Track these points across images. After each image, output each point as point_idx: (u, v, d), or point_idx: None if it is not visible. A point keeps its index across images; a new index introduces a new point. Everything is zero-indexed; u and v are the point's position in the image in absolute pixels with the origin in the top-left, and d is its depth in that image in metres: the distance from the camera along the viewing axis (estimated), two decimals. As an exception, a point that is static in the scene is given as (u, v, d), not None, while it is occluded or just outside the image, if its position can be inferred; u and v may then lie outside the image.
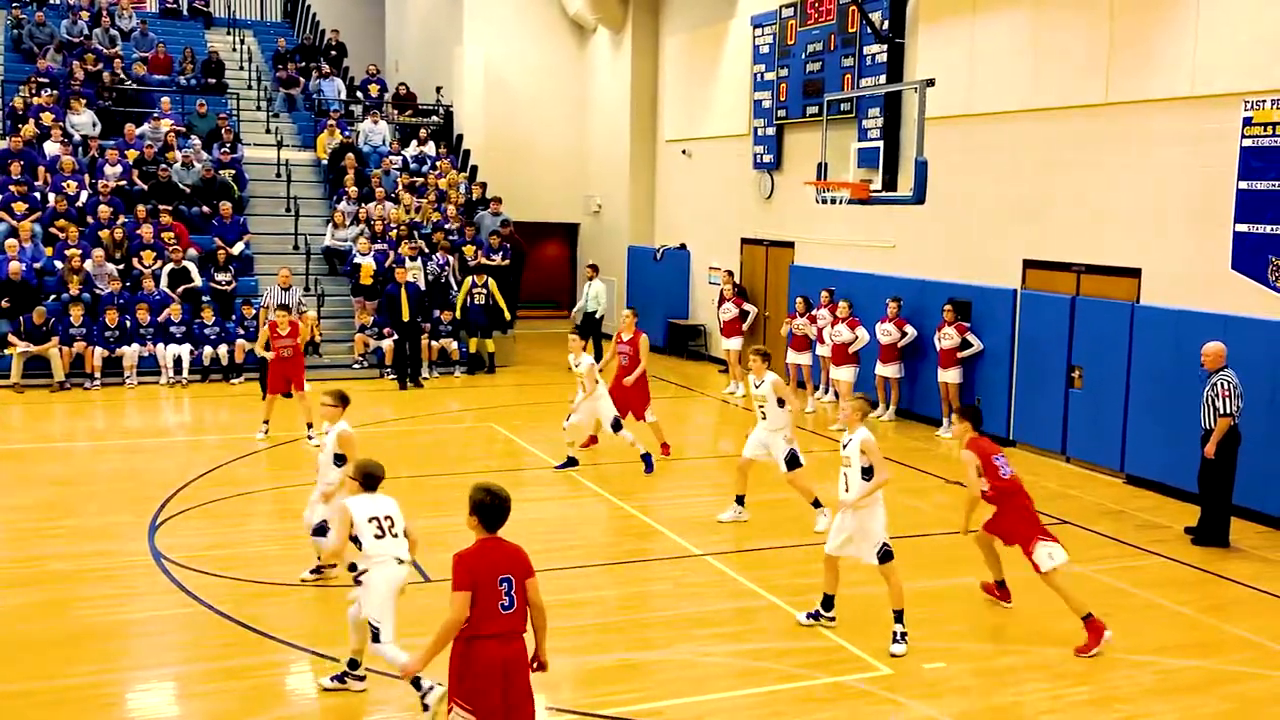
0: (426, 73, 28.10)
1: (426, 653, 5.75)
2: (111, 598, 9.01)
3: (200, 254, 20.15)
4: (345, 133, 24.28)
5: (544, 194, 26.55)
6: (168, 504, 11.55)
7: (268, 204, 22.75)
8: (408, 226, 21.49)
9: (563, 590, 9.30)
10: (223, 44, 28.02)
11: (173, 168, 21.61)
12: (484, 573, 5.53)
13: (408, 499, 11.90)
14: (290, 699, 7.50)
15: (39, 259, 18.96)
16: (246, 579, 9.36)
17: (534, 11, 26.52)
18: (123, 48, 25.41)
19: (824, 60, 18.90)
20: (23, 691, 7.27)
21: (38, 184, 20.42)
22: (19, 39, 25.00)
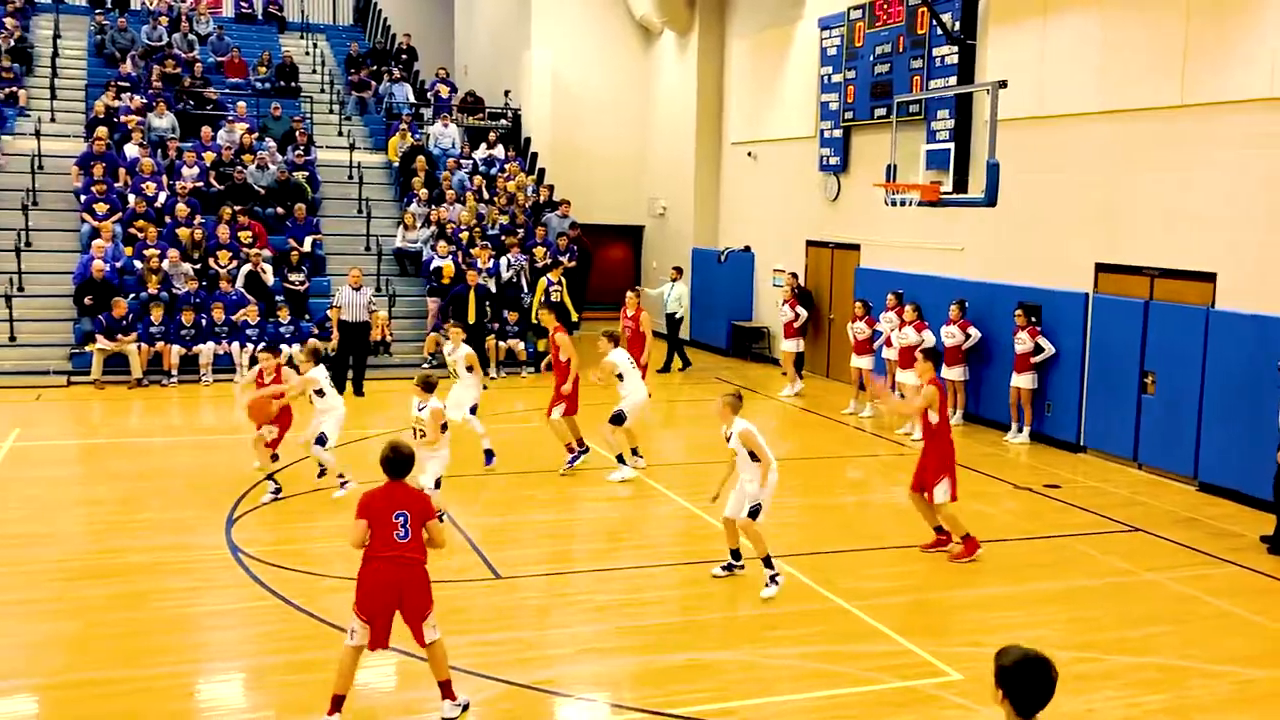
0: (495, 76, 28.37)
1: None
2: (189, 590, 9.22)
3: (274, 254, 20.55)
4: (416, 136, 24.62)
5: (608, 196, 26.69)
6: (243, 499, 11.80)
7: (340, 205, 23.14)
8: (479, 229, 21.74)
9: (628, 590, 9.39)
10: (296, 48, 28.53)
11: (248, 170, 22.06)
12: (380, 508, 6.70)
13: (474, 497, 12.16)
14: (361, 693, 7.62)
15: (119, 259, 19.46)
16: (321, 573, 9.50)
17: (601, 15, 26.66)
18: (200, 52, 26.00)
19: (892, 62, 18.80)
20: (104, 680, 7.47)
21: (118, 185, 20.96)
22: (102, 44, 25.69)
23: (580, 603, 9.07)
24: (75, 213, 20.73)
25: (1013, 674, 4.14)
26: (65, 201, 21.09)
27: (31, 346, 18.41)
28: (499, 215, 22.72)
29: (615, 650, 8.13)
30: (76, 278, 19.03)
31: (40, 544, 10.29)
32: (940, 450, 10.29)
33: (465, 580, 9.47)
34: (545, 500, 12.36)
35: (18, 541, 10.33)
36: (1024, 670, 4.13)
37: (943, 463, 10.24)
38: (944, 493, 10.19)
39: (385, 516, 6.68)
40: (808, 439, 16.28)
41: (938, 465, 10.24)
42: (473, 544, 10.40)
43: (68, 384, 17.94)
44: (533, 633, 8.51)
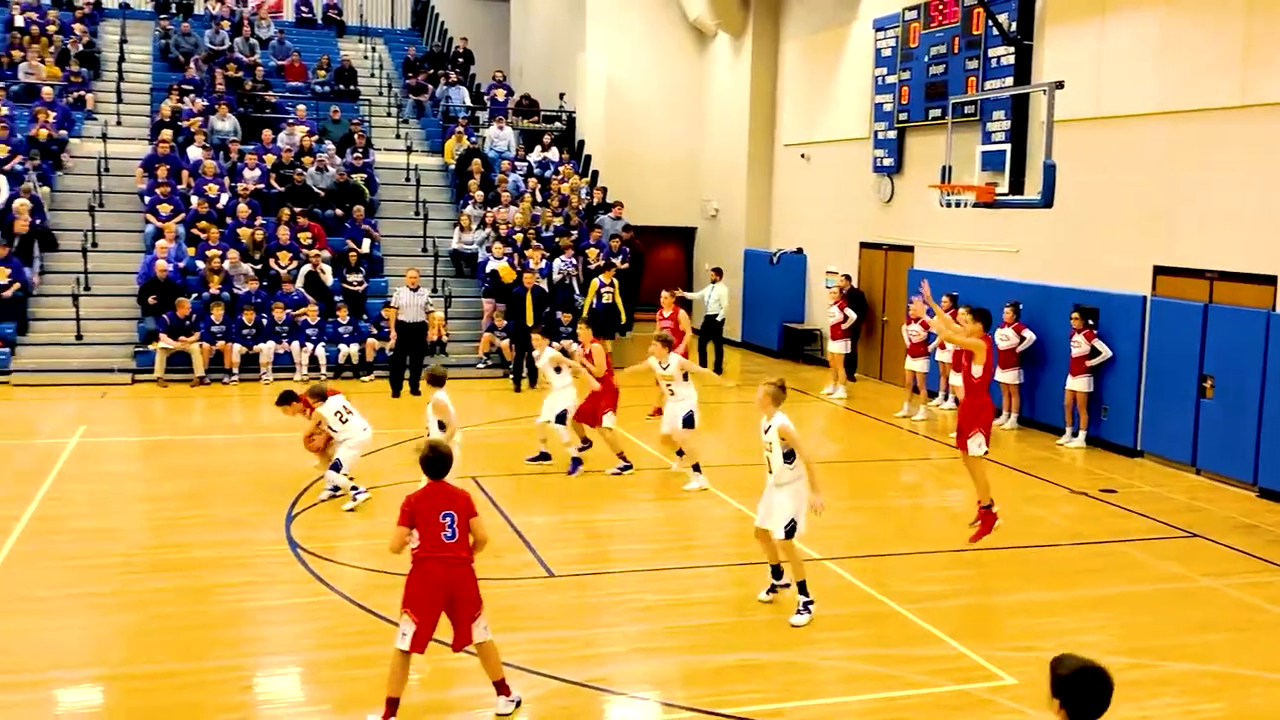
0: (550, 79, 28.56)
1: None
2: (248, 585, 9.39)
3: (333, 255, 20.86)
4: (472, 139, 24.86)
5: (661, 198, 26.76)
6: (302, 496, 12.00)
7: (397, 208, 23.43)
8: (533, 230, 21.92)
9: (680, 590, 9.44)
10: (355, 52, 28.92)
11: (308, 172, 22.40)
12: (425, 509, 6.77)
13: (525, 496, 12.27)
14: (417, 689, 7.74)
15: (182, 259, 19.85)
16: (378, 569, 9.58)
17: (655, 18, 26.75)
18: (261, 56, 26.44)
19: (948, 63, 18.70)
20: (166, 672, 7.63)
21: (181, 187, 21.38)
22: (166, 49, 26.21)
23: (632, 602, 9.14)
24: (140, 214, 21.18)
25: (1070, 684, 4.12)
26: (130, 203, 21.55)
27: (97, 345, 18.83)
28: (553, 217, 22.88)
29: (666, 649, 8.19)
30: (141, 278, 19.45)
31: (105, 538, 10.54)
32: (976, 404, 10.47)
33: (519, 578, 9.58)
34: (598, 500, 12.45)
35: (84, 536, 10.59)
36: (1081, 680, 4.10)
37: (976, 416, 10.41)
38: (978, 445, 10.36)
39: (432, 517, 6.76)
40: (860, 441, 16.25)
41: (971, 419, 10.43)
42: (527, 542, 10.51)
43: (132, 382, 18.34)
44: (585, 631, 8.60)
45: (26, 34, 24.76)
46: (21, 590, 9.09)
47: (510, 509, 11.55)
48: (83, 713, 7.23)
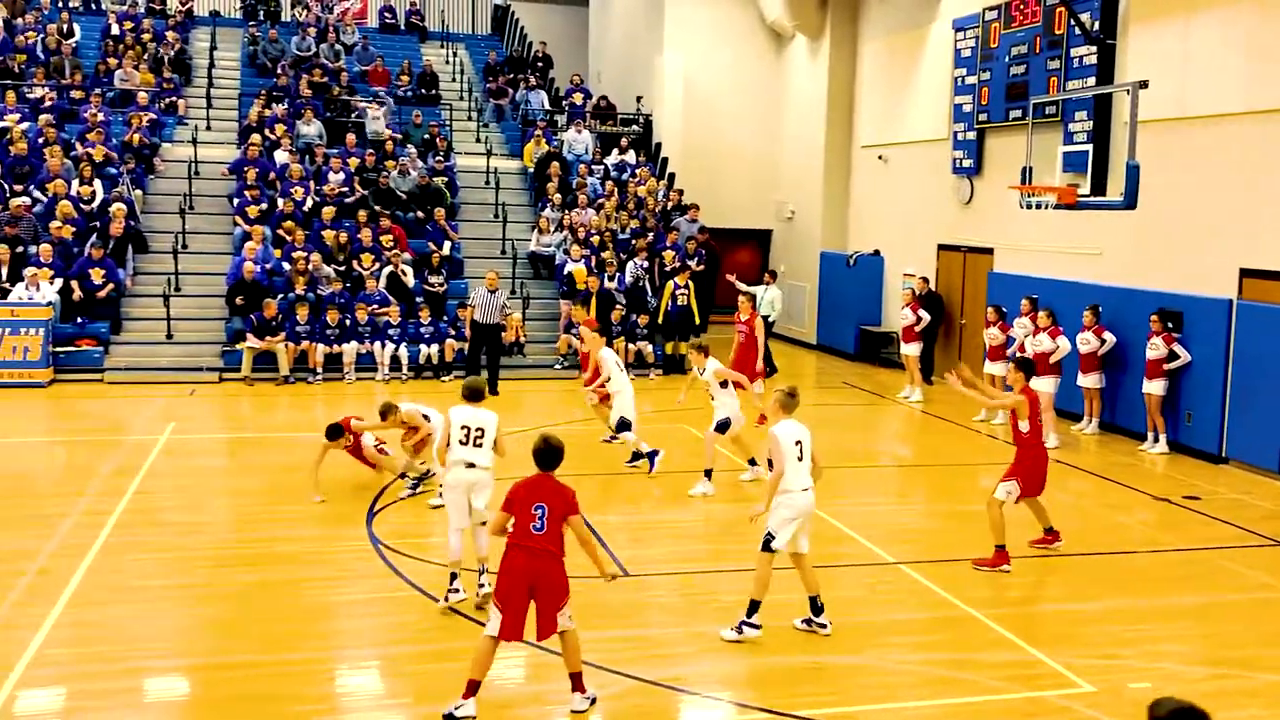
0: (627, 83, 28.73)
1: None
2: (331, 579, 9.60)
3: (414, 257, 21.22)
4: (550, 142, 25.11)
5: (737, 200, 26.78)
6: (384, 493, 12.23)
7: (477, 210, 23.75)
8: (610, 233, 22.09)
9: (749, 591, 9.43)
10: (437, 57, 29.35)
11: (390, 175, 22.82)
12: (522, 499, 7.00)
13: (599, 496, 12.37)
14: (492, 685, 7.84)
15: (269, 260, 20.34)
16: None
17: (732, 21, 26.79)
18: (345, 61, 26.97)
19: (1028, 63, 18.47)
20: (250, 663, 7.84)
21: (268, 190, 21.92)
22: (254, 55, 26.86)
23: (706, 602, 9.21)
24: (228, 216, 21.75)
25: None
26: (219, 206, 22.13)
27: (187, 344, 19.36)
28: (629, 220, 23.02)
29: (739, 650, 8.24)
30: (229, 279, 19.97)
31: (193, 532, 10.84)
32: (1022, 458, 10.42)
33: (593, 576, 9.61)
34: (673, 501, 12.53)
35: (173, 529, 10.90)
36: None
37: (1017, 467, 10.35)
38: (1004, 492, 10.24)
39: (526, 507, 6.99)
40: (936, 445, 16.14)
41: (1014, 468, 10.37)
42: (602, 541, 10.60)
43: (219, 380, 18.84)
44: (659, 630, 8.69)
45: (122, 42, 25.54)
46: (114, 580, 9.42)
47: (585, 508, 11.62)
48: (170, 700, 7.46)
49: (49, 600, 8.79)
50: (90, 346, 18.74)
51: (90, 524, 10.79)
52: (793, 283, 26.08)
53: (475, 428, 8.86)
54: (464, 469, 8.83)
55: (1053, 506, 10.99)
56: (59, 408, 17.06)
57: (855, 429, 17.23)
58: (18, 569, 9.48)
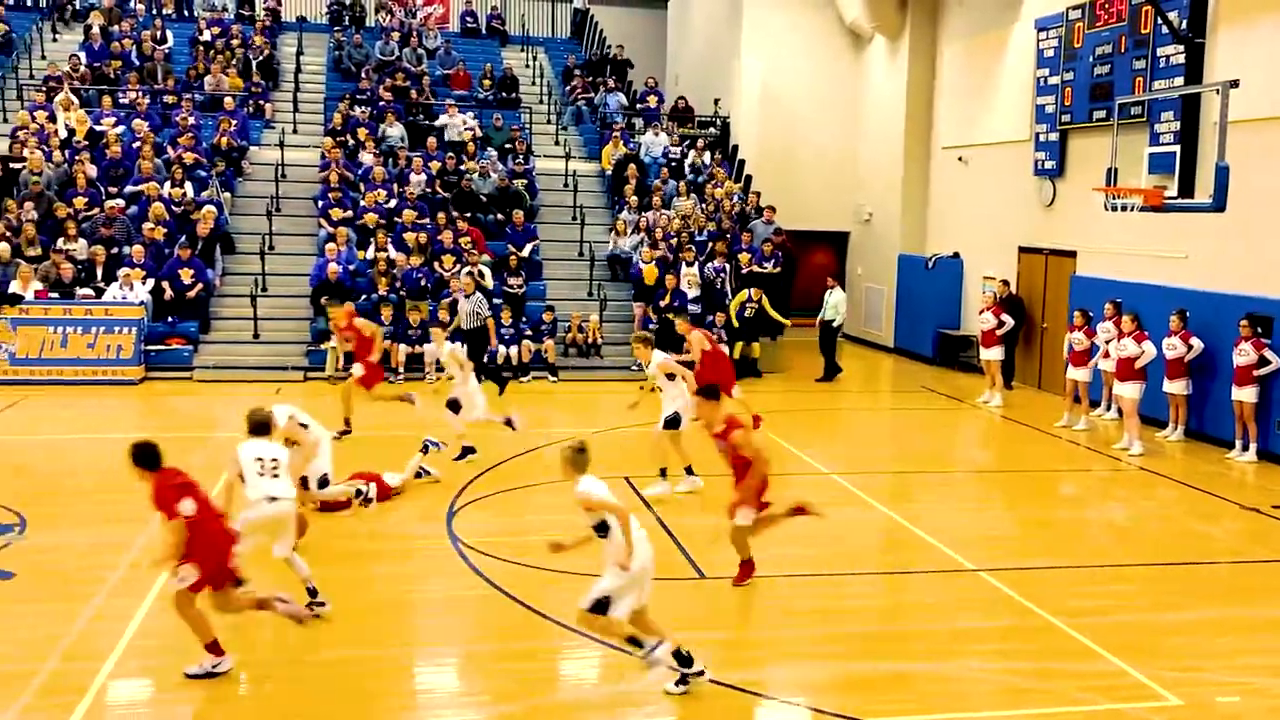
0: (705, 85, 28.77)
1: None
2: (412, 576, 9.77)
3: (494, 259, 21.48)
4: (628, 144, 25.25)
5: (814, 202, 26.66)
6: (463, 492, 12.38)
7: (555, 212, 23.96)
8: (688, 235, 22.16)
9: (828, 596, 9.48)
10: (517, 60, 29.65)
11: (471, 177, 23.12)
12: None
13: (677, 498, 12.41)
14: (565, 684, 7.93)
15: (352, 261, 20.73)
16: (535, 565, 9.79)
17: (811, 23, 26.71)
18: (428, 65, 27.37)
19: (1113, 63, 18.17)
20: (338, 659, 7.98)
21: (352, 192, 22.34)
22: (339, 60, 27.38)
23: (782, 606, 9.22)
24: (313, 218, 22.20)
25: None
26: (305, 208, 22.61)
27: (273, 343, 19.80)
28: (706, 222, 23.06)
29: (816, 655, 8.25)
30: (313, 279, 20.39)
31: None
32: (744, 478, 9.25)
33: (671, 579, 9.72)
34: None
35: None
36: None
37: (747, 490, 9.22)
38: (745, 518, 9.21)
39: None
40: (1017, 451, 15.95)
41: (744, 491, 9.23)
42: (679, 544, 10.67)
43: (304, 379, 19.24)
44: (735, 634, 8.73)
45: (212, 48, 26.19)
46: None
47: (663, 510, 11.75)
48: (252, 694, 7.63)
49: (139, 594, 9.00)
50: (180, 345, 19.26)
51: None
52: (870, 285, 25.92)
53: (270, 458, 8.46)
54: (267, 504, 8.41)
55: (1138, 515, 10.81)
56: (150, 405, 17.56)
57: (933, 434, 17.10)
58: (110, 562, 9.76)
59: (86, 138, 22.45)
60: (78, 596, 8.91)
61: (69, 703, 7.16)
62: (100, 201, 20.76)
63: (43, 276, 19.03)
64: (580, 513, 7.39)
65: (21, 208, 20.12)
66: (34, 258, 19.29)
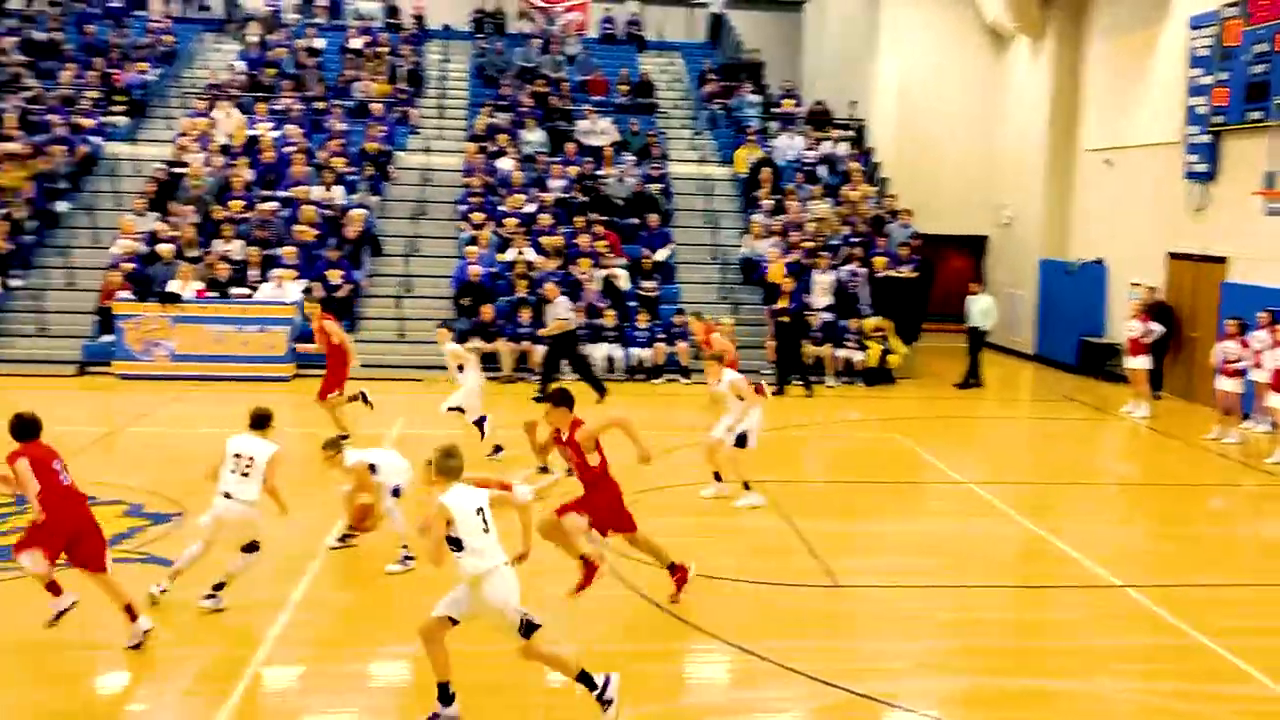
0: (841, 88, 28.58)
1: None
2: (550, 573, 9.57)
3: (629, 262, 21.74)
4: (763, 147, 25.25)
5: (951, 206, 26.24)
6: None
7: (689, 216, 24.11)
8: (822, 239, 22.08)
9: (962, 608, 9.37)
10: (653, 65, 29.89)
11: (607, 181, 23.44)
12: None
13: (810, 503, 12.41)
14: (699, 688, 7.99)
15: (492, 264, 21.24)
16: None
17: (950, 23, 26.32)
18: (567, 72, 27.82)
19: (1272, 61, 17.46)
20: (474, 653, 7.95)
21: (492, 197, 22.87)
22: (482, 67, 28.03)
23: (918, 617, 9.16)
24: (455, 221, 22.79)
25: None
26: (448, 211, 23.23)
27: (416, 343, 20.38)
28: (840, 225, 22.93)
29: (953, 669, 8.18)
30: (455, 281, 20.96)
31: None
32: (590, 494, 9.07)
33: (803, 585, 9.76)
34: (886, 511, 12.49)
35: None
36: None
37: (587, 503, 9.01)
38: (575, 523, 8.90)
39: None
40: (1163, 463, 15.49)
41: (583, 503, 9.03)
42: (811, 550, 10.69)
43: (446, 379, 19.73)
44: (869, 643, 8.70)
45: (361, 55, 27.10)
46: (351, 566, 10.09)
47: (795, 515, 11.76)
48: (394, 684, 7.91)
49: (292, 581, 9.40)
50: (329, 344, 19.98)
51: (328, 513, 11.51)
52: (1010, 291, 25.39)
53: (247, 456, 8.56)
54: (221, 499, 8.58)
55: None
56: (300, 401, 18.23)
57: (1076, 444, 16.70)
58: (266, 553, 10.12)
59: (243, 143, 23.48)
60: (233, 584, 9.15)
61: (225, 688, 7.51)
62: (255, 204, 21.69)
63: (201, 276, 19.99)
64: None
65: (183, 210, 21.18)
66: (193, 258, 20.28)
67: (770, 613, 9.12)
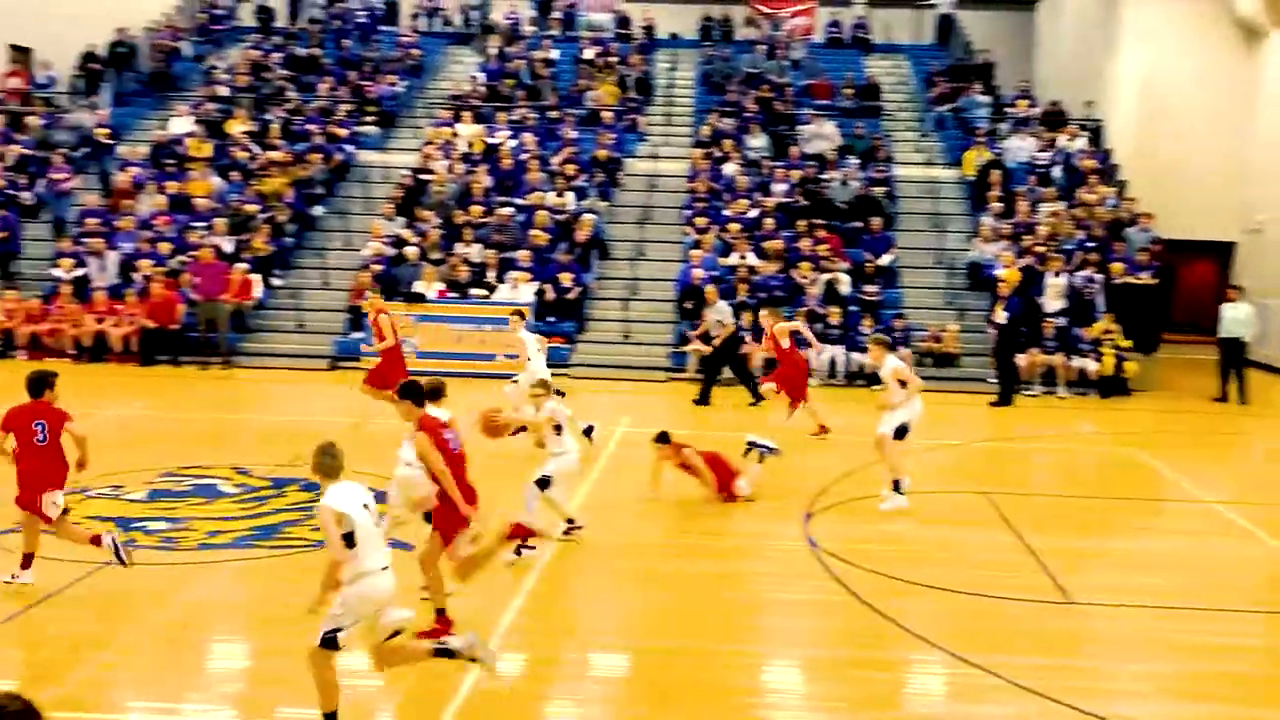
0: (1076, 88, 27.61)
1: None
2: (768, 576, 9.96)
3: (851, 266, 21.68)
4: (993, 149, 24.68)
5: (1194, 209, 24.95)
6: (821, 496, 12.48)
7: (914, 220, 23.83)
8: (1055, 243, 21.43)
9: (1205, 632, 8.98)
10: (879, 68, 29.65)
11: (831, 185, 23.42)
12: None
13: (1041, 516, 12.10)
14: (918, 699, 7.92)
15: (715, 268, 21.57)
16: (893, 576, 9.81)
17: (1196, 17, 25.10)
18: (791, 76, 27.92)
19: None
20: (685, 649, 8.32)
21: (716, 201, 23.23)
22: (708, 74, 28.48)
23: (1156, 639, 8.83)
24: (680, 226, 23.27)
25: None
26: (673, 216, 23.75)
27: (641, 344, 20.97)
28: (1074, 229, 22.17)
29: (1197, 695, 7.86)
30: (679, 284, 21.40)
31: (647, 519, 11.62)
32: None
33: (1033, 599, 9.57)
34: (1123, 527, 12.09)
35: (626, 515, 11.70)
36: None
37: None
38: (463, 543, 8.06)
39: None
40: None
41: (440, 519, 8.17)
42: (1041, 564, 10.47)
43: (667, 380, 20.23)
44: (1106, 664, 8.41)
45: (592, 65, 27.97)
46: (574, 561, 10.35)
47: (1025, 529, 11.53)
48: (609, 678, 8.13)
49: (521, 574, 9.69)
50: (559, 343, 20.76)
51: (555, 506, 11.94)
52: (1261, 301, 23.95)
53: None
54: (402, 467, 8.99)
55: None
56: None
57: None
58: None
59: (482, 151, 24.63)
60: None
61: (461, 667, 7.53)
62: (493, 209, 22.73)
63: (443, 277, 21.13)
64: None
65: (428, 215, 22.43)
66: (436, 260, 21.46)
67: (997, 627, 8.98)
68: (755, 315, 20.13)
